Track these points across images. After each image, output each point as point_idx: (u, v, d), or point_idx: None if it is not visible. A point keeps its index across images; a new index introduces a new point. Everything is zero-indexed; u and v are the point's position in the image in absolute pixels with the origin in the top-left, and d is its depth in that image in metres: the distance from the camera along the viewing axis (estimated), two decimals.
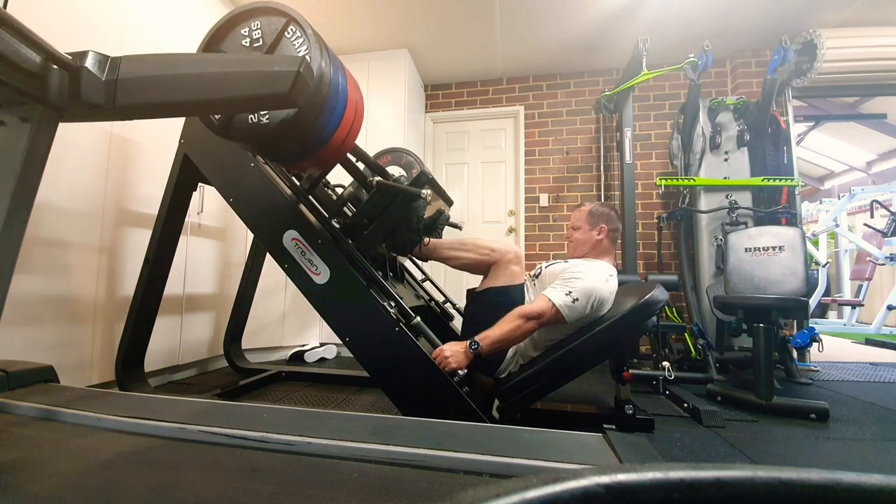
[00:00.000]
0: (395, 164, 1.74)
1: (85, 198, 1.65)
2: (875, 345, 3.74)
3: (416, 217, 1.47)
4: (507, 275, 1.49)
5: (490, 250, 1.53)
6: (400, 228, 1.48)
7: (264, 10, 1.04)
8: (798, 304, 1.84)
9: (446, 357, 1.27)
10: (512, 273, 1.50)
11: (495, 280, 1.50)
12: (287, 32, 1.01)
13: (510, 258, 1.51)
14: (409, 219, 1.46)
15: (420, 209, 1.48)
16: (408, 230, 1.48)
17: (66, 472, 0.71)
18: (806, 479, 0.19)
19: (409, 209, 1.44)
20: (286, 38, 1.01)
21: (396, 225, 1.46)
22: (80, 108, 0.81)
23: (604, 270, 1.43)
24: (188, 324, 2.16)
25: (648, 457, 0.77)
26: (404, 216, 1.45)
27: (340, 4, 2.74)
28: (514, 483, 0.19)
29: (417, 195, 1.39)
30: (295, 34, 1.01)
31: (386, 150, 1.79)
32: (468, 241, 1.60)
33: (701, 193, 2.83)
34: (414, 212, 1.46)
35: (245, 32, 1.04)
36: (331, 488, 0.67)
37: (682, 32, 2.93)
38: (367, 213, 1.47)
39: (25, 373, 1.17)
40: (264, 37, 1.03)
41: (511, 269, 1.50)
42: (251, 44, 1.03)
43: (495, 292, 1.48)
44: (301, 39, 1.00)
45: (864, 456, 1.40)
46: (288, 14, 1.02)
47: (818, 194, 6.48)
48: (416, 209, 1.46)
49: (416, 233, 1.50)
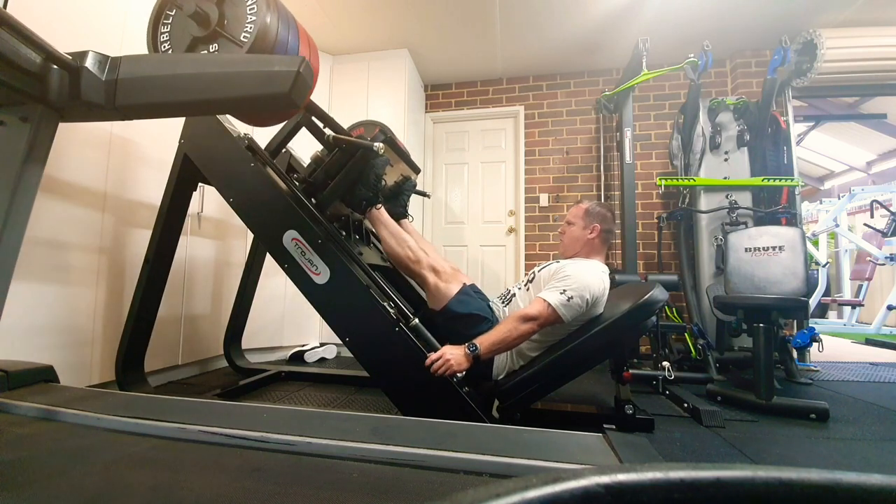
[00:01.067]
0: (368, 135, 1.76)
1: (85, 198, 1.65)
2: (875, 345, 3.74)
3: (374, 175, 1.48)
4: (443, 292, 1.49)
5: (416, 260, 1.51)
6: (358, 186, 1.49)
7: None
8: (798, 304, 1.84)
9: (447, 359, 1.27)
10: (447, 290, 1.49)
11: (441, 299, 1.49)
12: None
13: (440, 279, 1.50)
14: (367, 175, 1.47)
15: (378, 167, 1.48)
16: (365, 188, 1.49)
17: (66, 472, 0.71)
18: (806, 479, 0.19)
19: (366, 165, 1.45)
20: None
21: (354, 180, 1.47)
22: (80, 108, 0.81)
23: (595, 268, 1.44)
24: (188, 324, 2.16)
25: (648, 457, 0.77)
26: (362, 172, 1.46)
27: (340, 4, 2.74)
28: (514, 483, 0.19)
29: (370, 147, 1.39)
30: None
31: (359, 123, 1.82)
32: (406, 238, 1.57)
33: (701, 193, 2.83)
34: (371, 168, 1.47)
35: None
36: (331, 488, 0.67)
37: (682, 32, 2.93)
38: (328, 172, 1.48)
39: (25, 373, 1.17)
40: None
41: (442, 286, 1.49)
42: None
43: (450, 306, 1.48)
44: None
45: (864, 456, 1.40)
46: None
47: (818, 194, 6.48)
48: (374, 166, 1.47)
49: (372, 190, 1.50)
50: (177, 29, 1.06)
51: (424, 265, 1.51)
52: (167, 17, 1.08)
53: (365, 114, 3.18)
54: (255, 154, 1.54)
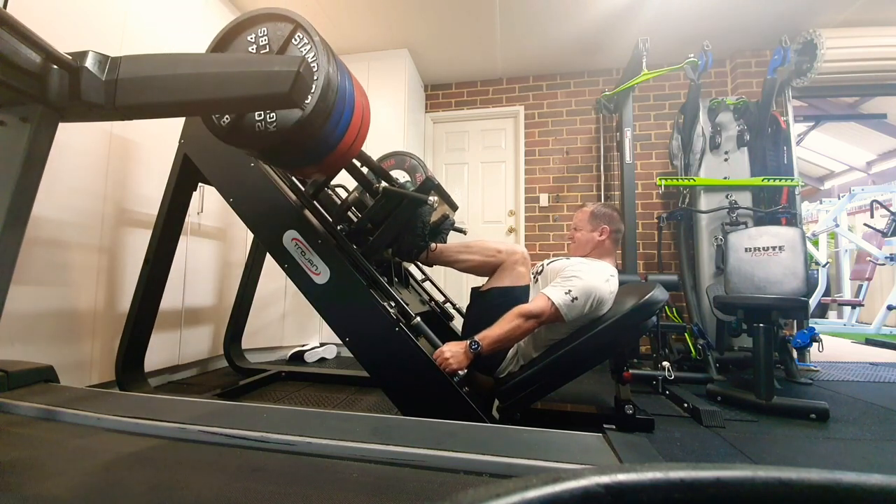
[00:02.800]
0: (399, 167, 1.74)
1: (85, 198, 1.65)
2: (875, 345, 3.74)
3: (421, 222, 1.46)
4: (512, 276, 1.48)
5: (496, 251, 1.52)
6: (405, 234, 1.47)
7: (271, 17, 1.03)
8: (798, 304, 1.84)
9: (446, 358, 1.27)
10: (518, 274, 1.48)
11: (500, 280, 1.49)
12: (294, 39, 1.01)
13: (516, 259, 1.50)
14: (415, 224, 1.45)
15: (426, 215, 1.47)
16: (413, 235, 1.47)
17: (66, 472, 0.71)
18: (806, 479, 0.19)
19: (414, 214, 1.44)
20: (293, 44, 1.01)
21: (402, 230, 1.46)
22: (80, 108, 0.81)
23: (604, 270, 1.43)
24: (188, 324, 2.16)
25: (648, 457, 0.77)
26: (410, 221, 1.44)
27: (340, 5, 2.74)
28: (514, 483, 0.19)
29: (424, 201, 1.39)
30: (302, 41, 1.00)
31: (389, 154, 1.79)
32: (473, 243, 1.58)
33: (701, 193, 2.83)
34: (419, 217, 1.45)
35: (251, 39, 1.04)
36: (331, 488, 0.67)
37: (682, 32, 2.93)
38: (372, 218, 1.46)
39: (25, 373, 1.17)
40: (271, 43, 1.02)
41: (517, 269, 1.49)
42: (258, 50, 1.03)
43: (499, 292, 1.47)
44: (308, 46, 1.00)
45: (864, 456, 1.40)
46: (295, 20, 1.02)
47: (818, 194, 6.48)
48: (421, 214, 1.45)
49: (421, 237, 1.49)
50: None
51: (506, 249, 1.51)
52: None
53: None
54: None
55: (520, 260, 1.50)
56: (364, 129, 1.19)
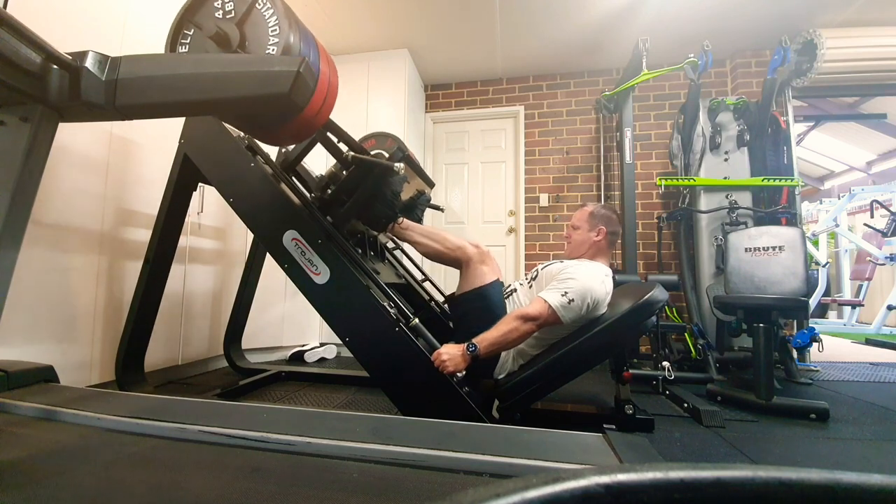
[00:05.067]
0: (380, 147, 1.75)
1: (85, 198, 1.65)
2: (875, 345, 3.74)
3: (391, 192, 1.47)
4: (477, 275, 1.53)
5: (456, 247, 1.57)
6: (375, 203, 1.48)
7: None
8: (798, 304, 1.84)
9: (444, 360, 1.27)
10: (481, 273, 1.53)
11: (469, 284, 1.54)
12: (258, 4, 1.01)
13: (475, 259, 1.54)
14: (384, 193, 1.46)
15: (395, 185, 1.48)
16: (383, 205, 1.48)
17: (66, 472, 0.71)
18: (806, 479, 0.19)
19: (384, 183, 1.45)
20: (257, 8, 1.02)
21: (372, 200, 1.47)
22: (80, 108, 0.81)
23: (599, 271, 1.44)
24: (188, 324, 2.16)
25: (648, 457, 0.77)
26: (379, 191, 1.46)
27: (340, 4, 2.74)
28: (514, 483, 0.19)
29: (390, 167, 1.39)
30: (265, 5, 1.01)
31: (371, 135, 1.81)
32: (437, 232, 1.64)
33: (701, 193, 2.83)
34: (389, 186, 1.46)
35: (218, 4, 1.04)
36: (331, 488, 0.67)
37: (682, 32, 2.93)
38: (345, 189, 1.47)
39: (25, 373, 1.17)
40: (236, 7, 1.03)
41: (480, 269, 1.53)
42: (224, 15, 1.03)
43: (473, 295, 1.52)
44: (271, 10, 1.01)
45: (864, 456, 1.40)
46: None
47: (818, 194, 6.48)
48: (391, 184, 1.46)
49: (390, 208, 1.50)
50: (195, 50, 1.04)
51: (468, 247, 1.56)
52: (185, 38, 1.05)
53: (365, 114, 3.18)
54: (256, 154, 1.54)
55: (477, 259, 1.55)
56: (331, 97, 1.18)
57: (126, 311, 1.69)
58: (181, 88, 0.80)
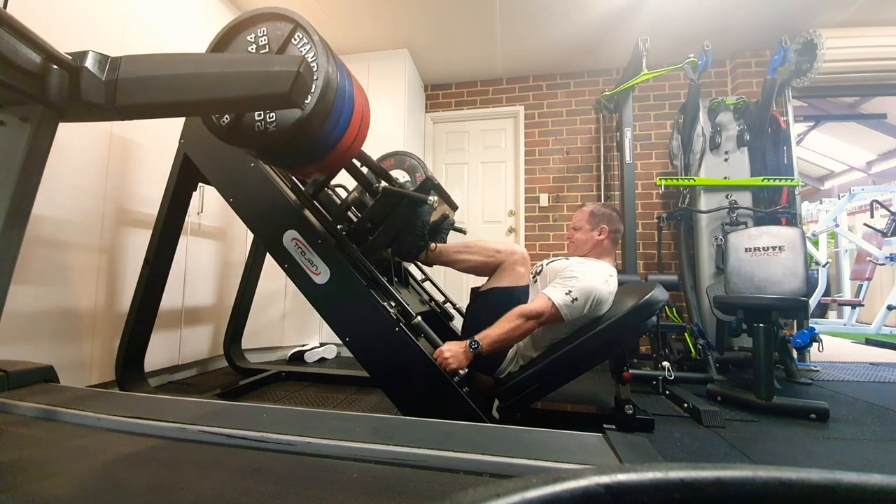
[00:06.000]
0: (399, 167, 1.74)
1: (85, 198, 1.65)
2: (875, 345, 3.74)
3: (420, 222, 1.46)
4: (512, 276, 1.49)
5: (495, 251, 1.53)
6: (405, 233, 1.47)
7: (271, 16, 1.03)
8: (798, 304, 1.84)
9: (446, 358, 1.27)
10: (517, 274, 1.49)
11: (500, 281, 1.50)
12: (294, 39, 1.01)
13: (516, 259, 1.50)
14: (415, 224, 1.45)
15: (425, 214, 1.47)
16: (413, 235, 1.47)
17: (66, 472, 0.71)
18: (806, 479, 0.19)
19: (414, 214, 1.44)
20: (293, 44, 1.01)
21: (401, 230, 1.46)
22: (80, 108, 0.81)
23: (604, 270, 1.43)
24: (188, 324, 2.16)
25: (648, 457, 0.77)
26: (409, 221, 1.44)
27: (340, 4, 2.74)
28: (514, 483, 0.19)
29: (424, 201, 1.39)
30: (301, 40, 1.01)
31: (389, 154, 1.79)
32: (473, 243, 1.59)
33: (701, 193, 2.83)
34: (419, 217, 1.45)
35: (251, 38, 1.04)
36: (331, 488, 0.67)
37: (682, 32, 2.93)
38: (371, 217, 1.46)
39: (25, 373, 1.17)
40: (270, 43, 1.02)
41: (517, 270, 1.49)
42: (257, 50, 1.03)
43: (499, 293, 1.48)
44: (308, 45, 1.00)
45: (864, 456, 1.40)
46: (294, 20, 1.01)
47: (818, 194, 6.48)
48: (420, 214, 1.45)
49: (421, 237, 1.49)
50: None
51: (506, 249, 1.53)
52: None
53: None
54: None
55: (519, 260, 1.51)
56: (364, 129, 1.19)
57: (126, 311, 1.69)
58: (181, 88, 0.80)
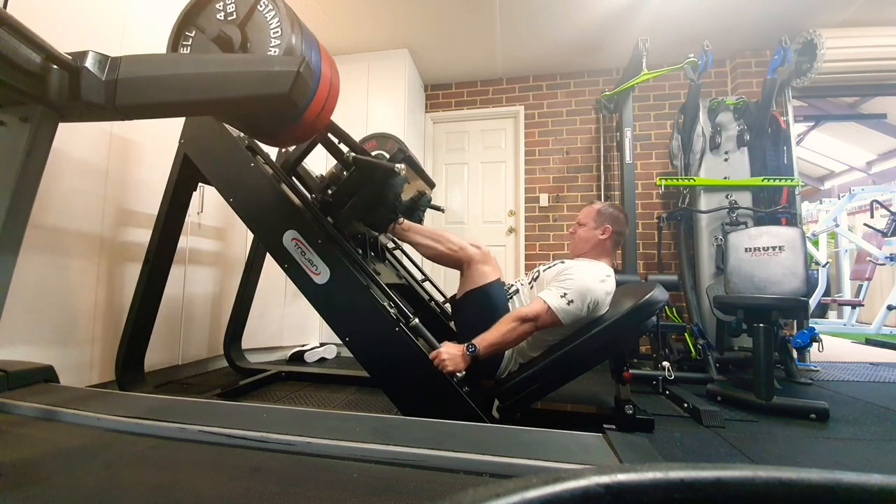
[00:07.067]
0: (381, 148, 1.75)
1: (85, 198, 1.65)
2: (875, 345, 3.74)
3: (392, 194, 1.47)
4: (479, 275, 1.52)
5: (458, 248, 1.55)
6: (377, 205, 1.48)
7: None
8: (798, 304, 1.84)
9: (443, 360, 1.27)
10: (483, 273, 1.52)
11: (471, 283, 1.52)
12: (259, 5, 1.01)
13: (476, 260, 1.53)
14: (386, 195, 1.46)
15: (396, 186, 1.48)
16: (384, 207, 1.48)
17: (66, 472, 0.71)
18: (806, 479, 0.19)
19: (385, 185, 1.44)
20: (258, 10, 1.02)
21: (373, 202, 1.47)
22: (80, 108, 0.81)
23: (600, 271, 1.43)
24: (188, 324, 2.16)
25: (648, 457, 0.77)
26: (381, 192, 1.45)
27: (340, 4, 2.74)
28: (514, 483, 0.19)
29: (391, 168, 1.39)
30: (267, 7, 1.01)
31: (371, 136, 1.81)
32: (441, 233, 1.62)
33: (701, 193, 2.83)
34: (391, 188, 1.46)
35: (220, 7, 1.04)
36: (331, 488, 0.67)
37: (682, 32, 2.93)
38: (346, 190, 1.47)
39: (25, 373, 1.17)
40: (238, 9, 1.03)
41: (481, 269, 1.52)
42: (225, 17, 1.03)
43: (476, 294, 1.50)
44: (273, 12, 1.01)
45: (864, 456, 1.40)
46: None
47: (818, 194, 6.48)
48: (392, 186, 1.46)
49: (391, 210, 1.50)
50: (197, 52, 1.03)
51: (469, 247, 1.55)
52: (186, 40, 1.05)
53: (365, 114, 3.18)
54: (256, 154, 1.54)
55: (480, 259, 1.53)
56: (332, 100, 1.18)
57: (126, 312, 1.69)
58: (181, 88, 0.80)
